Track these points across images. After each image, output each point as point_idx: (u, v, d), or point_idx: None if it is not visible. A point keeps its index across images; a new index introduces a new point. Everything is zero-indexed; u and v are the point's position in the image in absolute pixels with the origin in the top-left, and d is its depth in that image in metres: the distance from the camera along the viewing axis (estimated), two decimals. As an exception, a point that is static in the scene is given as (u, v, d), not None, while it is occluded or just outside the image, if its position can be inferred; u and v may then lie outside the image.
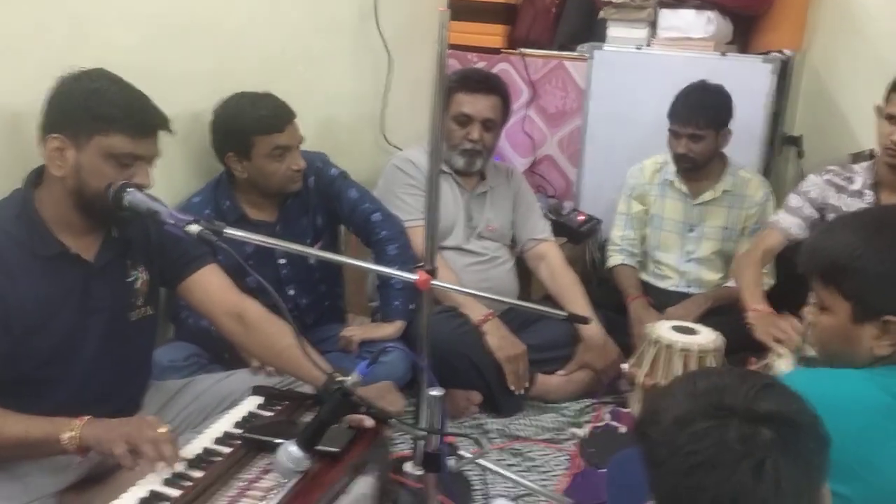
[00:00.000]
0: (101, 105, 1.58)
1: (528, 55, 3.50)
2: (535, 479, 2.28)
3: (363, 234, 2.54)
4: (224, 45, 2.49)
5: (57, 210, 1.65)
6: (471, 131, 2.66)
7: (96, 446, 1.52)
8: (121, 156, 1.61)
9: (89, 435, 1.52)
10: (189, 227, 1.52)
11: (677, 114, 2.78)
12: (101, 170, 1.60)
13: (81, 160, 1.60)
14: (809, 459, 0.96)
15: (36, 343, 1.63)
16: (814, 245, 1.49)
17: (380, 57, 3.13)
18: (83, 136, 1.59)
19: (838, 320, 1.42)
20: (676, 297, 2.95)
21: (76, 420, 1.54)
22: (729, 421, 0.94)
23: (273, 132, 2.28)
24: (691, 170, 2.87)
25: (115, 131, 1.59)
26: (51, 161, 1.61)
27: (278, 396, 1.83)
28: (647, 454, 1.01)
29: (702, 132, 2.77)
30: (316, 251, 1.82)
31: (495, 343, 2.55)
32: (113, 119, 1.58)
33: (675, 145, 2.83)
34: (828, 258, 1.42)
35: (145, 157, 1.65)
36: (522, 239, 2.91)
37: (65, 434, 1.51)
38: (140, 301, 1.81)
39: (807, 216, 2.56)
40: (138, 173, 1.64)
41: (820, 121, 3.41)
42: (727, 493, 0.93)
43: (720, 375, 1.03)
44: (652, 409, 1.03)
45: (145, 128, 1.63)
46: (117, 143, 1.59)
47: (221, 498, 1.43)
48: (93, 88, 1.59)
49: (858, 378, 1.37)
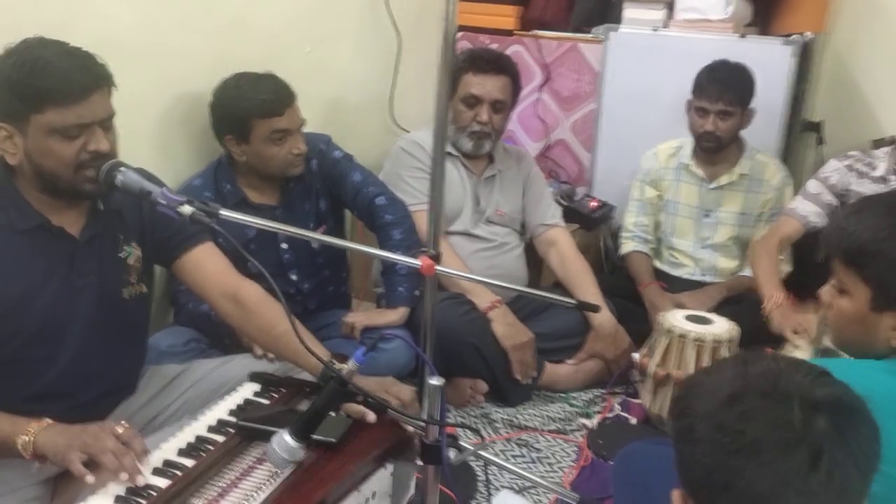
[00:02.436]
0: (26, 83, 1.49)
1: (541, 37, 3.43)
2: (542, 470, 2.23)
3: (367, 218, 2.49)
4: (227, 23, 2.44)
5: (32, 190, 1.60)
6: (479, 113, 2.60)
7: (52, 457, 1.44)
8: (62, 129, 1.51)
9: (44, 443, 1.45)
10: (182, 208, 1.46)
11: (705, 89, 2.70)
12: (49, 148, 1.53)
13: (28, 144, 1.53)
14: (864, 452, 0.89)
15: (20, 320, 1.58)
16: (839, 225, 1.43)
17: (389, 37, 3.07)
18: (21, 119, 1.51)
19: (856, 306, 1.37)
20: (691, 285, 2.89)
21: (34, 424, 1.47)
22: (787, 404, 0.88)
23: (273, 115, 2.22)
24: (714, 150, 2.79)
25: (47, 106, 1.49)
26: (4, 151, 1.56)
27: (275, 383, 1.78)
28: (683, 431, 0.94)
29: (731, 108, 2.70)
30: (317, 235, 1.76)
31: (502, 331, 2.49)
32: (41, 94, 1.49)
33: (700, 123, 2.74)
34: (851, 240, 1.37)
35: (92, 122, 1.54)
36: (532, 224, 2.85)
37: (20, 438, 1.45)
38: (133, 278, 1.76)
39: (826, 203, 2.49)
40: (91, 140, 1.55)
41: (841, 106, 3.32)
42: (769, 480, 0.86)
43: (773, 360, 0.96)
44: (696, 383, 0.96)
45: (78, 92, 1.51)
46: (53, 117, 1.50)
47: (213, 488, 1.39)
48: (16, 66, 1.50)
49: (878, 369, 1.32)
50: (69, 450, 1.41)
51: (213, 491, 1.38)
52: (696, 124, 2.76)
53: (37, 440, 1.45)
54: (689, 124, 2.81)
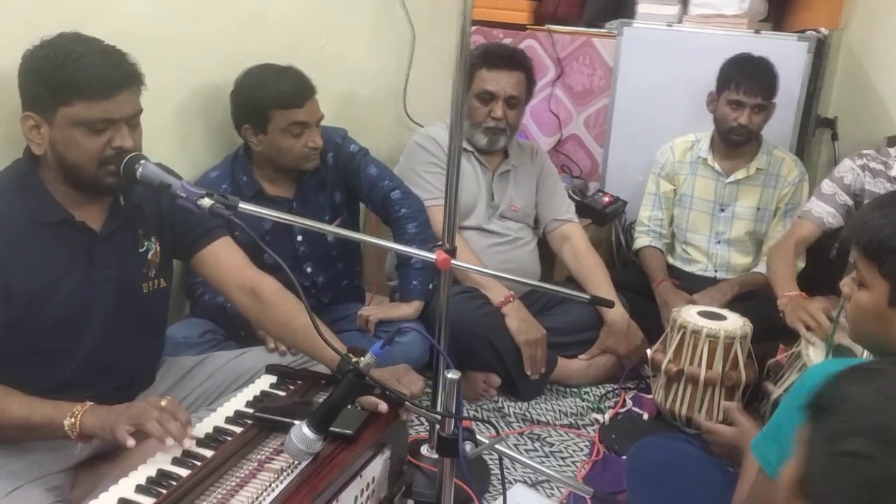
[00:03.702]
0: (57, 75, 1.51)
1: (555, 32, 3.42)
2: (555, 464, 2.24)
3: (382, 211, 2.49)
4: (244, 16, 2.44)
5: (55, 182, 1.61)
6: (494, 109, 2.60)
7: (99, 433, 1.49)
8: (89, 122, 1.54)
9: (90, 422, 1.49)
10: (201, 200, 1.48)
11: (742, 83, 2.68)
12: (74, 140, 1.55)
13: (54, 135, 1.55)
14: None
15: (41, 313, 1.60)
16: (862, 218, 1.44)
17: (403, 31, 3.07)
18: (49, 110, 1.54)
19: (875, 300, 1.38)
20: (704, 282, 2.89)
21: (77, 406, 1.50)
22: None
23: (292, 107, 2.23)
24: (742, 143, 2.78)
25: (76, 99, 1.52)
26: (30, 141, 1.58)
27: (291, 376, 1.79)
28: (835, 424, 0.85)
29: (767, 102, 2.70)
30: (333, 228, 1.77)
31: (516, 325, 2.49)
32: (71, 87, 1.51)
33: (735, 116, 2.72)
34: (873, 234, 1.38)
35: (119, 119, 1.57)
36: (546, 219, 2.85)
37: (66, 420, 1.49)
38: (152, 272, 1.78)
39: (840, 204, 2.49)
40: (116, 136, 1.57)
41: (856, 103, 3.31)
42: None
43: None
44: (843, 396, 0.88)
45: (107, 88, 1.54)
46: (81, 110, 1.52)
47: (232, 478, 1.40)
48: (48, 59, 1.52)
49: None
50: (117, 424, 1.45)
51: (231, 481, 1.39)
52: (728, 118, 2.74)
53: (82, 421, 1.48)
54: (717, 117, 2.79)
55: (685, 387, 2.28)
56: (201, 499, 1.34)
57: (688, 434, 2.29)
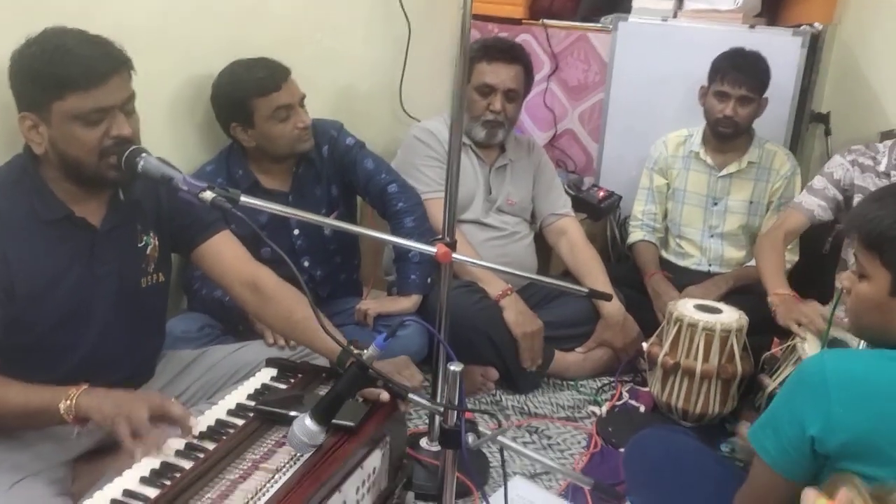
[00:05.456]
0: (46, 71, 1.51)
1: (550, 26, 3.42)
2: (553, 457, 2.25)
3: (379, 205, 2.49)
4: (241, 10, 2.44)
5: (57, 179, 1.61)
6: (493, 102, 2.60)
7: (96, 416, 1.46)
8: (84, 114, 1.53)
9: (88, 405, 1.46)
10: (203, 193, 1.48)
11: (728, 74, 2.70)
12: (72, 135, 1.55)
13: (53, 133, 1.55)
14: None
15: (42, 308, 1.60)
16: (862, 210, 1.46)
17: (399, 26, 3.06)
18: (44, 108, 1.53)
19: (876, 290, 1.39)
20: (698, 276, 2.90)
21: (73, 389, 1.49)
22: None
23: (271, 92, 2.23)
24: (730, 136, 2.79)
25: (67, 92, 1.51)
26: (30, 141, 1.57)
27: (292, 369, 1.80)
28: None
29: (752, 95, 2.71)
30: (330, 221, 1.77)
31: (513, 318, 2.50)
32: (61, 80, 1.51)
33: (720, 108, 2.74)
34: (872, 225, 1.39)
35: (113, 106, 1.56)
36: (543, 214, 2.86)
37: (62, 403, 1.47)
38: (151, 267, 1.78)
39: (830, 198, 2.51)
40: (113, 125, 1.57)
41: (849, 97, 3.32)
42: None
43: None
44: None
45: (97, 77, 1.53)
46: (74, 103, 1.52)
47: (234, 470, 1.40)
48: (35, 56, 1.52)
49: (889, 357, 1.33)
50: (115, 415, 1.43)
51: (235, 473, 1.40)
52: (714, 109, 2.76)
53: (78, 402, 1.46)
54: (705, 110, 2.81)
55: (681, 379, 2.30)
56: (205, 490, 1.34)
57: (684, 426, 2.31)
